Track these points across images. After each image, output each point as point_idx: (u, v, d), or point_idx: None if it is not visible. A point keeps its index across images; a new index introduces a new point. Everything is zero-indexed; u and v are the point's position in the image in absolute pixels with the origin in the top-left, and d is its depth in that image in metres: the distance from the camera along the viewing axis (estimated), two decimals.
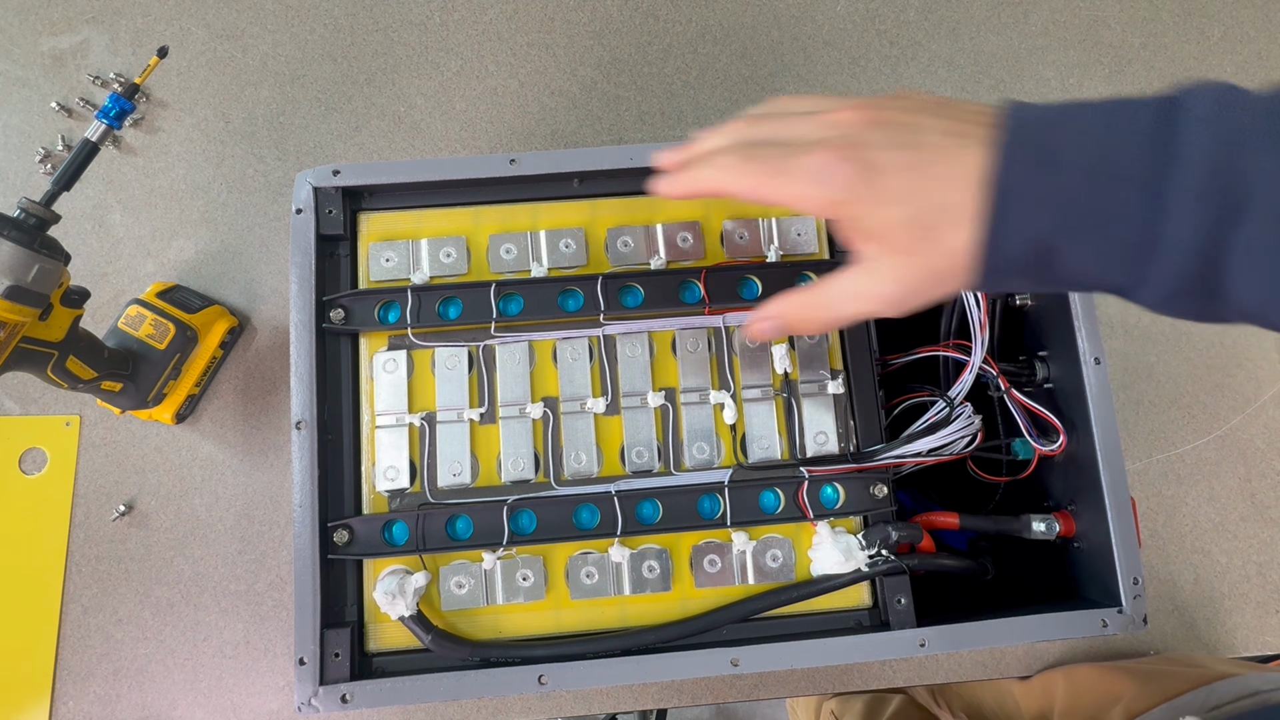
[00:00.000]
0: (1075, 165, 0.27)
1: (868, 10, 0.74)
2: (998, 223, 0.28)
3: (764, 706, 1.36)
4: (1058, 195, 0.27)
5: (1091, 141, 0.27)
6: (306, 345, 0.45)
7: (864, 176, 0.30)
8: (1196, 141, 0.25)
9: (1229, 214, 0.25)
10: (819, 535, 0.45)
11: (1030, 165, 0.28)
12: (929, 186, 0.29)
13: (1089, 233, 0.27)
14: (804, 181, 0.31)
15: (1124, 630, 0.43)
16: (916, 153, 0.30)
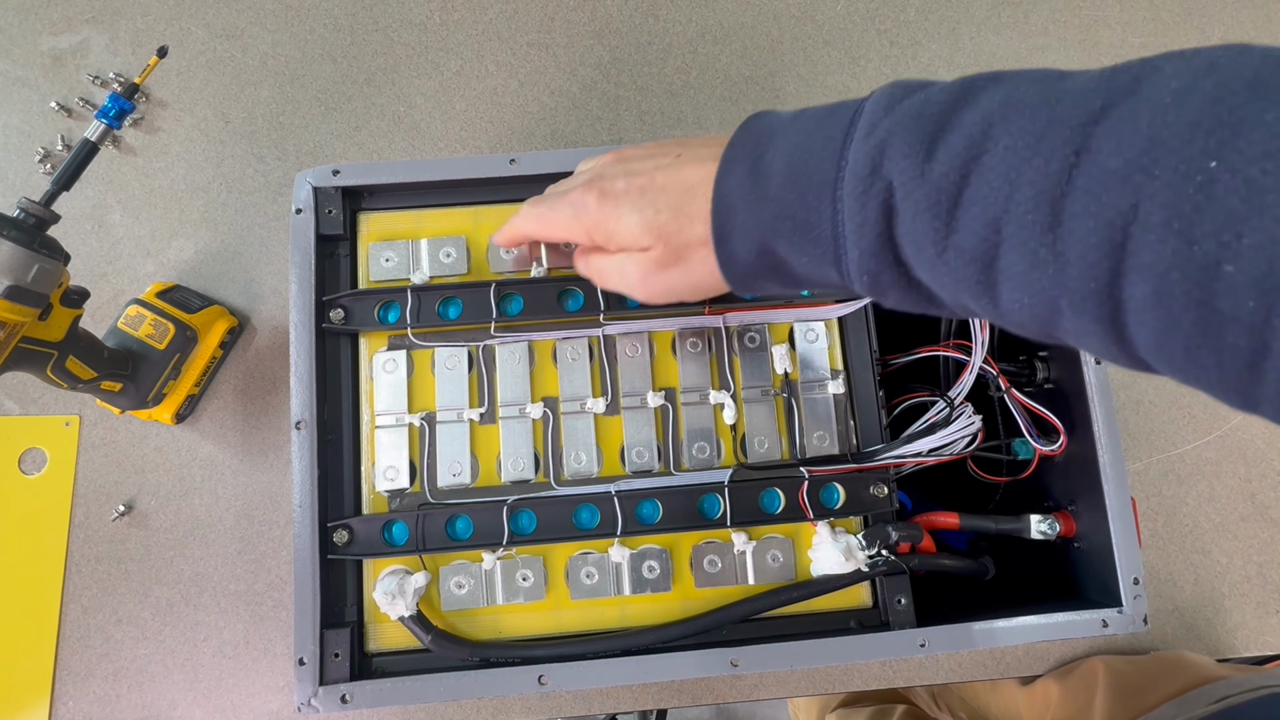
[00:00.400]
0: (780, 174, 0.29)
1: (868, 10, 0.74)
2: (721, 232, 0.32)
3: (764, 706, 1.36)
4: (766, 201, 0.30)
5: (794, 148, 0.29)
6: (306, 345, 0.45)
7: (606, 198, 0.35)
8: (859, 147, 0.27)
9: (884, 213, 0.27)
10: (819, 535, 0.45)
11: (743, 178, 0.31)
12: (655, 196, 0.34)
13: (794, 234, 0.29)
14: (564, 214, 0.37)
15: (1124, 630, 0.43)
16: (649, 175, 0.35)
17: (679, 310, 0.46)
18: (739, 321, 0.47)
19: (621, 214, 0.35)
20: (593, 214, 0.36)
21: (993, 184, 0.24)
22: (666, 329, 0.47)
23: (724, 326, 0.47)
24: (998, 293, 0.25)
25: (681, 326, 0.47)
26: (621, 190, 0.35)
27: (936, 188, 0.25)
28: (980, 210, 0.24)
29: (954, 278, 0.26)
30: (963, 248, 0.25)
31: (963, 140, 0.25)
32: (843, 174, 0.28)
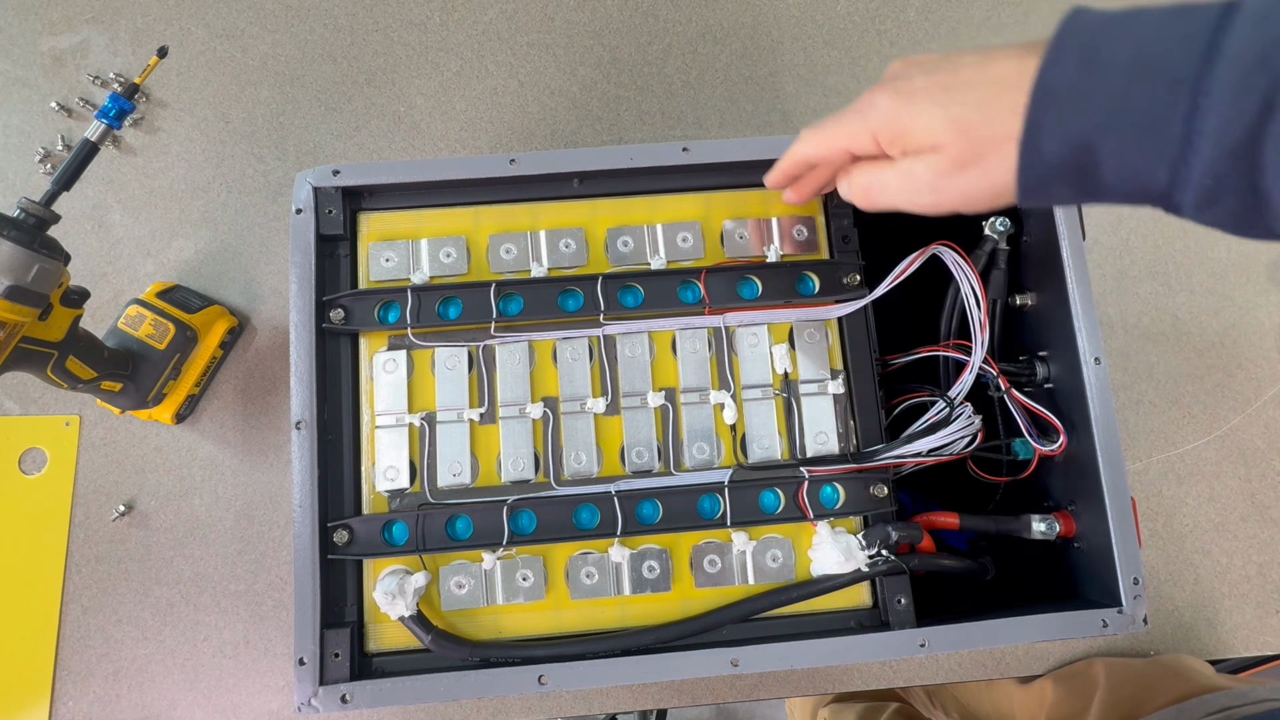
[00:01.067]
0: (1118, 63, 0.27)
1: (868, 10, 0.74)
2: (1036, 120, 0.29)
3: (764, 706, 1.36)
4: (1100, 94, 0.27)
5: (1140, 41, 0.27)
6: (306, 345, 0.45)
7: (901, 95, 0.33)
8: (1242, 38, 0.25)
9: (1267, 109, 0.25)
10: (819, 535, 0.45)
11: (1073, 64, 0.28)
12: (963, 90, 0.31)
13: (1129, 130, 0.27)
14: (849, 120, 0.35)
15: (1124, 630, 0.43)
16: (952, 73, 0.32)
17: (679, 310, 0.47)
18: (739, 321, 0.47)
19: (919, 109, 0.32)
20: (884, 111, 0.33)
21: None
22: (666, 329, 0.47)
23: (724, 326, 0.47)
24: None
25: (681, 326, 0.47)
26: (920, 87, 0.32)
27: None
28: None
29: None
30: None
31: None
32: (1213, 65, 0.26)
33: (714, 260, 0.48)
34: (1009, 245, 0.51)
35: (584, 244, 0.48)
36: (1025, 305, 0.52)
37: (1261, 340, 0.67)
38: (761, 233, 0.48)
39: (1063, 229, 0.47)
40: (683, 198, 0.49)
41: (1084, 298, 0.46)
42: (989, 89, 0.31)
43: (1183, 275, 0.69)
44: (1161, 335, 0.67)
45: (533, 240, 0.48)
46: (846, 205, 0.49)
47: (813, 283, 0.48)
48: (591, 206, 0.49)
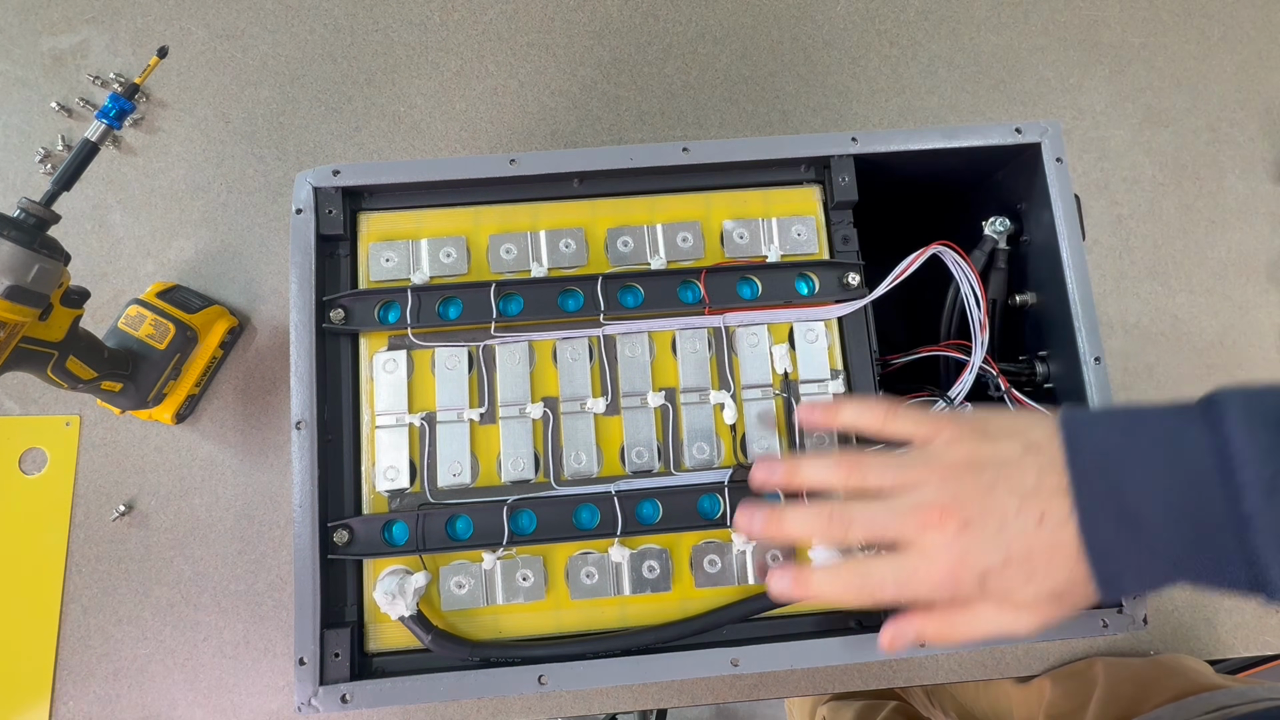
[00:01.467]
0: (1157, 521, 0.29)
1: (868, 10, 0.74)
2: (1108, 581, 0.31)
3: (764, 706, 1.36)
4: (1152, 554, 0.30)
5: (1161, 490, 0.29)
6: (306, 345, 0.45)
7: (982, 583, 0.33)
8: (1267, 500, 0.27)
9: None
10: None
11: (1112, 528, 0.30)
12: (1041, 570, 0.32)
13: (1198, 574, 0.29)
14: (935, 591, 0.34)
15: (1124, 630, 0.43)
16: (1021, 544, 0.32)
17: (679, 310, 0.47)
18: (739, 321, 0.47)
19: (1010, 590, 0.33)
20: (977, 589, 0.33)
21: None
22: (666, 329, 0.47)
23: (724, 326, 0.47)
24: None
25: (681, 326, 0.47)
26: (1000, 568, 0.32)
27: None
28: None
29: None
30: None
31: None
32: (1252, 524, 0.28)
33: (714, 260, 0.48)
34: (1009, 245, 0.51)
35: (584, 244, 0.48)
36: (1025, 305, 0.52)
37: (1261, 340, 0.67)
38: (761, 233, 0.48)
39: (1063, 229, 0.47)
40: (683, 198, 0.49)
41: (1084, 298, 0.46)
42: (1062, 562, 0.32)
43: (1183, 275, 0.69)
44: (1161, 335, 0.67)
45: (533, 240, 0.48)
46: (846, 206, 0.49)
47: (813, 283, 0.48)
48: (591, 206, 0.49)
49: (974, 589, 0.33)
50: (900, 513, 0.34)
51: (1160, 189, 0.71)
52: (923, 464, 0.35)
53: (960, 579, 0.33)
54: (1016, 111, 0.72)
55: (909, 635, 0.36)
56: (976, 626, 0.34)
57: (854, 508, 0.35)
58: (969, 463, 0.34)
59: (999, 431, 0.34)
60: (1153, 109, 0.72)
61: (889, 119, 0.71)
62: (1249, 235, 0.69)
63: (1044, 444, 0.33)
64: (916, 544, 0.34)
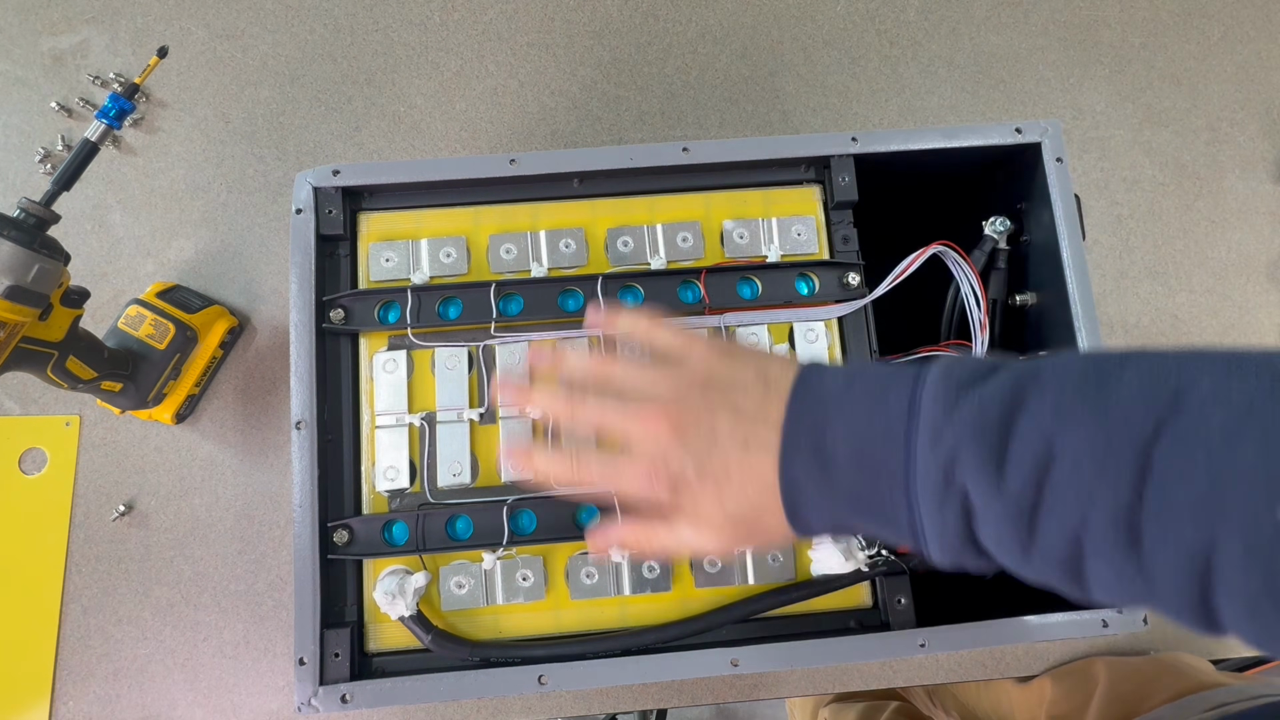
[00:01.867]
0: (844, 460, 0.30)
1: (868, 10, 0.74)
2: (793, 512, 0.32)
3: (764, 706, 1.36)
4: (835, 488, 0.31)
5: (854, 434, 0.30)
6: (306, 345, 0.45)
7: (680, 491, 0.34)
8: (926, 456, 0.28)
9: (964, 516, 0.28)
10: None
11: (808, 461, 0.31)
12: (736, 497, 0.33)
13: (870, 519, 0.31)
14: (633, 488, 0.35)
15: (1124, 630, 0.43)
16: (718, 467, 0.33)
17: (679, 310, 0.46)
18: (739, 321, 0.47)
19: (698, 504, 0.34)
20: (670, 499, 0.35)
21: (1066, 500, 0.26)
22: None
23: (724, 327, 0.47)
24: (1088, 589, 0.27)
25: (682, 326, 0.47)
26: (694, 480, 0.34)
27: (1014, 501, 0.27)
28: (1058, 524, 0.26)
29: (1041, 576, 0.28)
30: (1047, 555, 0.27)
31: (1029, 454, 0.26)
32: (913, 473, 0.29)
33: (714, 260, 0.48)
34: (1009, 245, 0.51)
35: (584, 244, 0.48)
36: (1025, 305, 0.52)
37: (1261, 340, 0.67)
38: (761, 233, 0.48)
39: (1063, 229, 0.47)
40: (683, 198, 0.49)
41: (1084, 298, 0.47)
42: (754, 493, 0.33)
43: (1183, 275, 0.69)
44: (1161, 335, 0.67)
45: (533, 240, 0.48)
46: (846, 206, 0.49)
47: (813, 283, 0.48)
48: (591, 206, 0.49)
49: (667, 494, 0.34)
50: (626, 408, 0.36)
51: (1160, 189, 0.71)
52: (664, 370, 0.36)
53: (656, 480, 0.34)
54: (1016, 111, 0.72)
55: (609, 538, 0.38)
56: (670, 540, 0.36)
57: (591, 394, 0.37)
58: (704, 378, 0.35)
59: (743, 359, 0.36)
60: (1153, 109, 0.72)
61: (889, 119, 0.71)
62: (1249, 235, 0.69)
63: (778, 380, 0.34)
64: (630, 440, 0.36)
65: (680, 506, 0.35)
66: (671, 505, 0.35)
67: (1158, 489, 0.24)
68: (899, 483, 0.29)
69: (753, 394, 0.34)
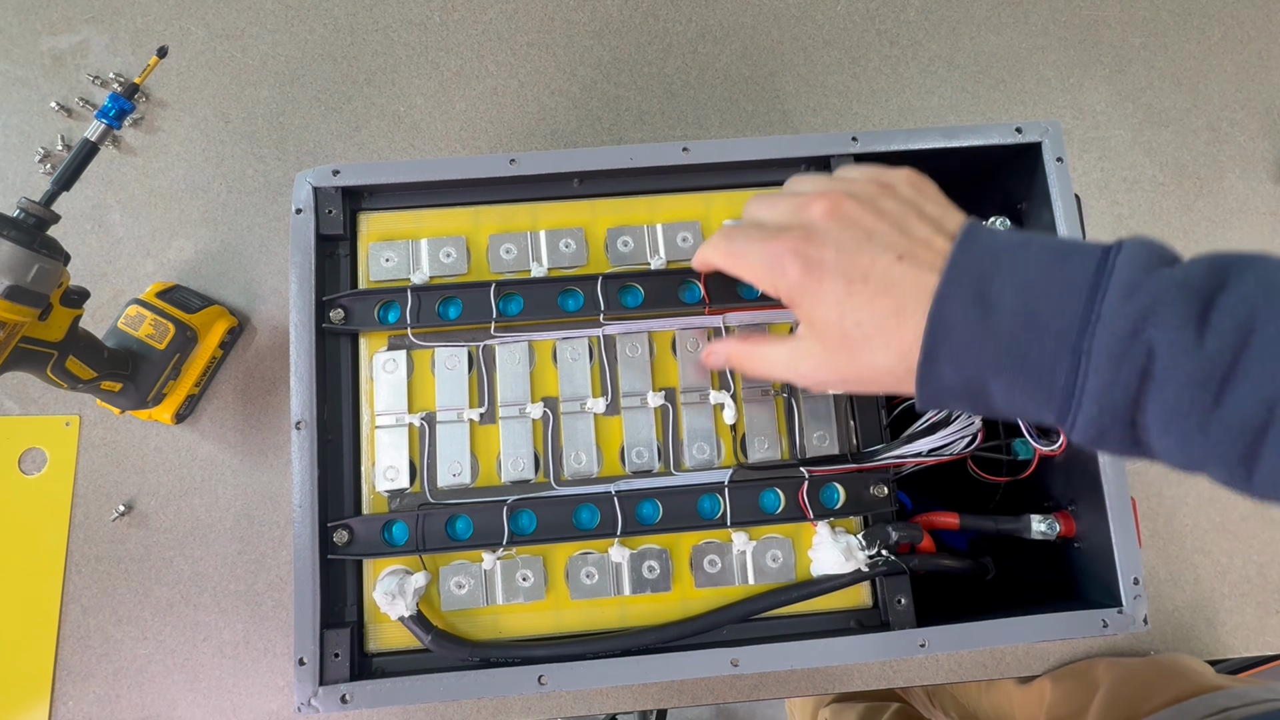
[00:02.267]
0: (1010, 310, 0.29)
1: (868, 10, 0.74)
2: (931, 353, 0.30)
3: (764, 706, 1.36)
4: (991, 336, 0.29)
5: (1028, 288, 0.29)
6: (306, 345, 0.45)
7: (809, 274, 0.33)
8: (1116, 308, 0.27)
9: (1139, 377, 0.27)
10: (819, 535, 0.45)
11: (967, 304, 0.29)
12: (860, 305, 0.32)
13: (1018, 375, 0.29)
14: (761, 267, 0.35)
15: (1124, 630, 0.43)
16: (861, 266, 0.32)
17: (679, 310, 0.46)
18: (739, 321, 0.47)
19: (820, 299, 0.32)
20: (791, 281, 0.33)
21: (1265, 364, 0.25)
22: (666, 329, 0.47)
23: (724, 326, 0.47)
24: (1258, 467, 0.26)
25: (681, 326, 0.47)
26: (830, 269, 0.32)
27: (1209, 361, 0.26)
28: (1253, 388, 0.25)
29: (1212, 450, 0.27)
30: (1229, 423, 0.26)
31: (1231, 319, 0.26)
32: (1094, 328, 0.27)
33: None
34: None
35: (584, 244, 0.48)
36: None
37: None
38: None
39: (1063, 229, 0.47)
40: (683, 198, 0.49)
41: None
42: (887, 312, 0.31)
43: None
44: None
45: (533, 240, 0.48)
46: None
47: None
48: (591, 206, 0.49)
49: (796, 274, 0.33)
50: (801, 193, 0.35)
51: (1160, 189, 0.71)
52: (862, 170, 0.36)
53: (792, 257, 0.33)
54: (1016, 111, 0.72)
55: (715, 350, 0.40)
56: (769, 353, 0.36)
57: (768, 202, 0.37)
58: (888, 187, 0.34)
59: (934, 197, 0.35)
60: (1153, 109, 0.72)
61: (889, 119, 0.71)
62: (1249, 235, 0.69)
63: (949, 222, 0.33)
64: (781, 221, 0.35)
65: (800, 301, 0.33)
66: (792, 295, 0.33)
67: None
68: (1068, 339, 0.27)
69: (921, 222, 0.32)
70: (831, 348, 0.33)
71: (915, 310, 0.30)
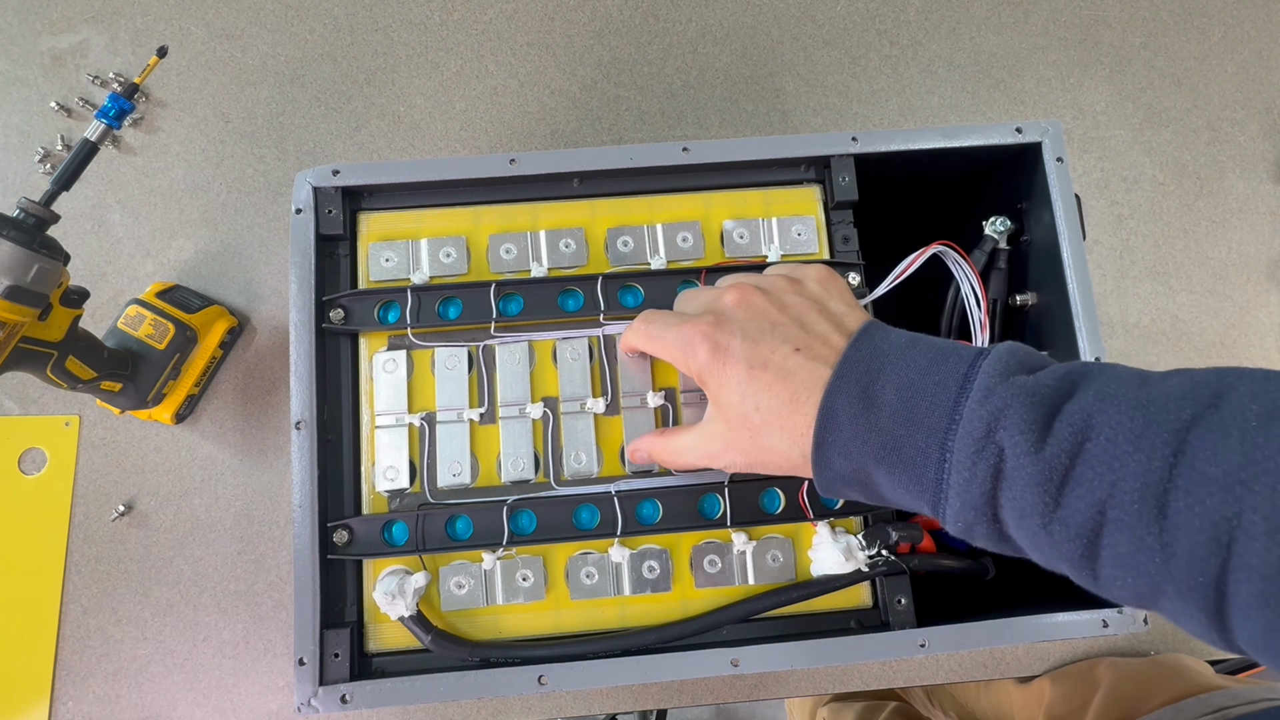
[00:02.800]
0: (890, 406, 0.31)
1: (868, 10, 0.74)
2: (821, 442, 0.32)
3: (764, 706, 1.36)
4: (873, 429, 0.31)
5: (908, 388, 0.31)
6: (306, 345, 0.45)
7: (716, 356, 0.35)
8: (974, 410, 0.29)
9: (993, 476, 0.28)
10: (819, 535, 0.45)
11: (853, 398, 0.32)
12: (759, 389, 0.34)
13: (895, 467, 0.31)
14: (675, 348, 0.37)
15: (1124, 630, 0.43)
16: (762, 354, 0.34)
17: None
18: None
19: (725, 382, 0.35)
20: (700, 362, 0.36)
21: (1098, 470, 0.26)
22: None
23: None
24: (1099, 567, 0.27)
25: None
26: (735, 354, 0.35)
27: (1048, 465, 0.27)
28: (1086, 491, 0.27)
29: (1055, 549, 0.28)
30: (1068, 523, 0.27)
31: (1069, 426, 0.27)
32: (955, 428, 0.29)
33: (714, 260, 0.48)
34: (1009, 245, 0.51)
35: (584, 244, 0.48)
36: (1025, 305, 0.52)
37: (1261, 340, 0.67)
38: (761, 233, 0.48)
39: (1063, 229, 0.47)
40: (683, 198, 0.49)
41: (1084, 298, 0.46)
42: (784, 402, 0.34)
43: (1183, 275, 0.69)
44: (1161, 335, 0.67)
45: (533, 240, 0.48)
46: (846, 205, 0.49)
47: None
48: (591, 206, 0.49)
49: (704, 355, 0.35)
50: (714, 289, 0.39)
51: (1160, 189, 0.71)
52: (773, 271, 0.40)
53: (701, 338, 0.36)
54: (1016, 111, 0.72)
55: (637, 445, 0.42)
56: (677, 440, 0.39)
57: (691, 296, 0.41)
58: (793, 286, 0.37)
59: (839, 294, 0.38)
60: (1153, 109, 0.72)
61: (889, 119, 0.71)
62: (1249, 235, 0.69)
63: (846, 320, 0.36)
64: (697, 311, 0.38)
65: (709, 381, 0.36)
66: (702, 376, 0.36)
67: (1188, 465, 0.25)
68: (936, 436, 0.30)
69: (822, 319, 0.35)
70: (735, 429, 0.35)
71: (808, 400, 0.33)
